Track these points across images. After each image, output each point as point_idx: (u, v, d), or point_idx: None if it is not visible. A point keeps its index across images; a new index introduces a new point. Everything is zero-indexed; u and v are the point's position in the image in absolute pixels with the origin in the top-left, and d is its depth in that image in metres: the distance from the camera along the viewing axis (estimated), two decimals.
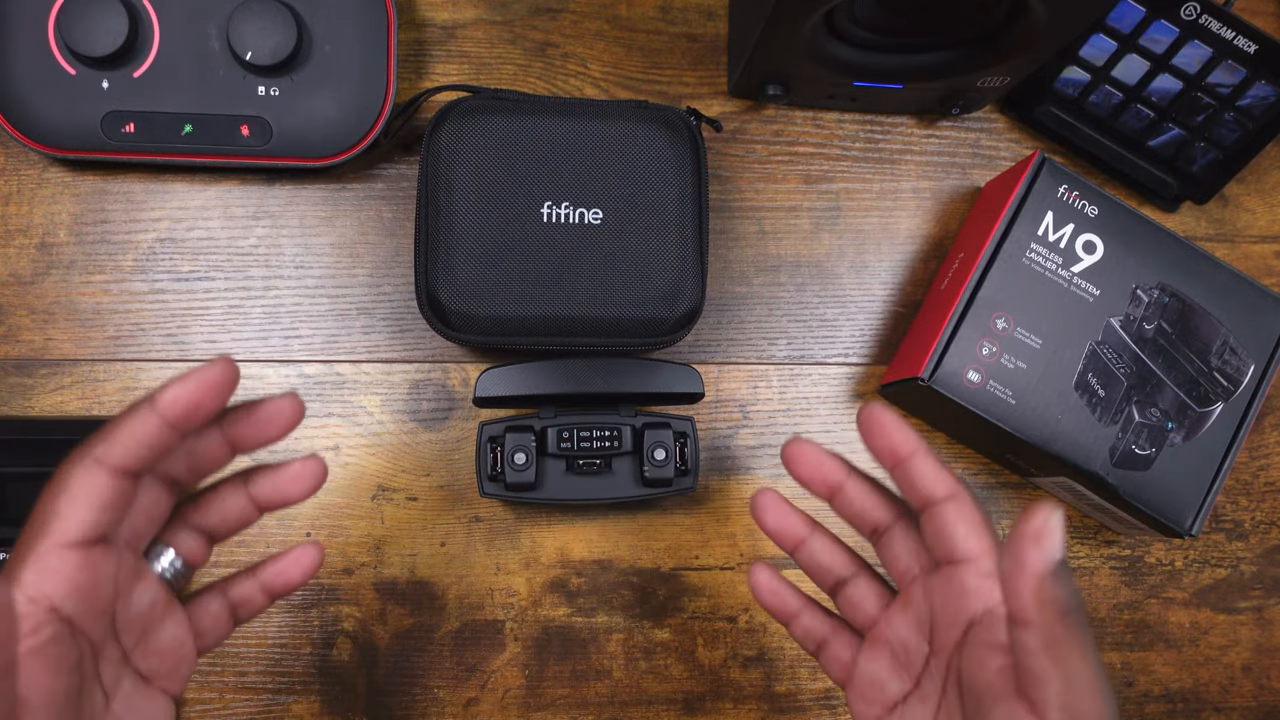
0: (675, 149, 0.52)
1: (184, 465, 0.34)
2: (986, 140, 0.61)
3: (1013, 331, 0.53)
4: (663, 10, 0.59)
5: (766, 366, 0.58)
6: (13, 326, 0.54)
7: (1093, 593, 0.59)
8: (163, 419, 0.31)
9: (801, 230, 0.59)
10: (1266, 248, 0.62)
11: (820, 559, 0.41)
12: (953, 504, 0.35)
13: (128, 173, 0.55)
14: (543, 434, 0.52)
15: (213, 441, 0.34)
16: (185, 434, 0.32)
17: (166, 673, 0.35)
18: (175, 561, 0.36)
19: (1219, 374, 0.54)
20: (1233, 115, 0.57)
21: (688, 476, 0.53)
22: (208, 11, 0.50)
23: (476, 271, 0.50)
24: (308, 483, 0.36)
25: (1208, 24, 0.55)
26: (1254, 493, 0.61)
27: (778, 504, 0.41)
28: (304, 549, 0.38)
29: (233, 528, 0.37)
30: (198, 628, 0.36)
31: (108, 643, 0.33)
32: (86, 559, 0.31)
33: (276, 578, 0.38)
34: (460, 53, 0.58)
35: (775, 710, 0.56)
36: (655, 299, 0.51)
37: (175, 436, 0.32)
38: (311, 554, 0.38)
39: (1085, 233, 0.54)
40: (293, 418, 0.34)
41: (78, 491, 0.31)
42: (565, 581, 0.56)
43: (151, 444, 0.31)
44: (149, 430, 0.31)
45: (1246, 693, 0.60)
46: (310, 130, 0.52)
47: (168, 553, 0.35)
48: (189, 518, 0.36)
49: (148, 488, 0.33)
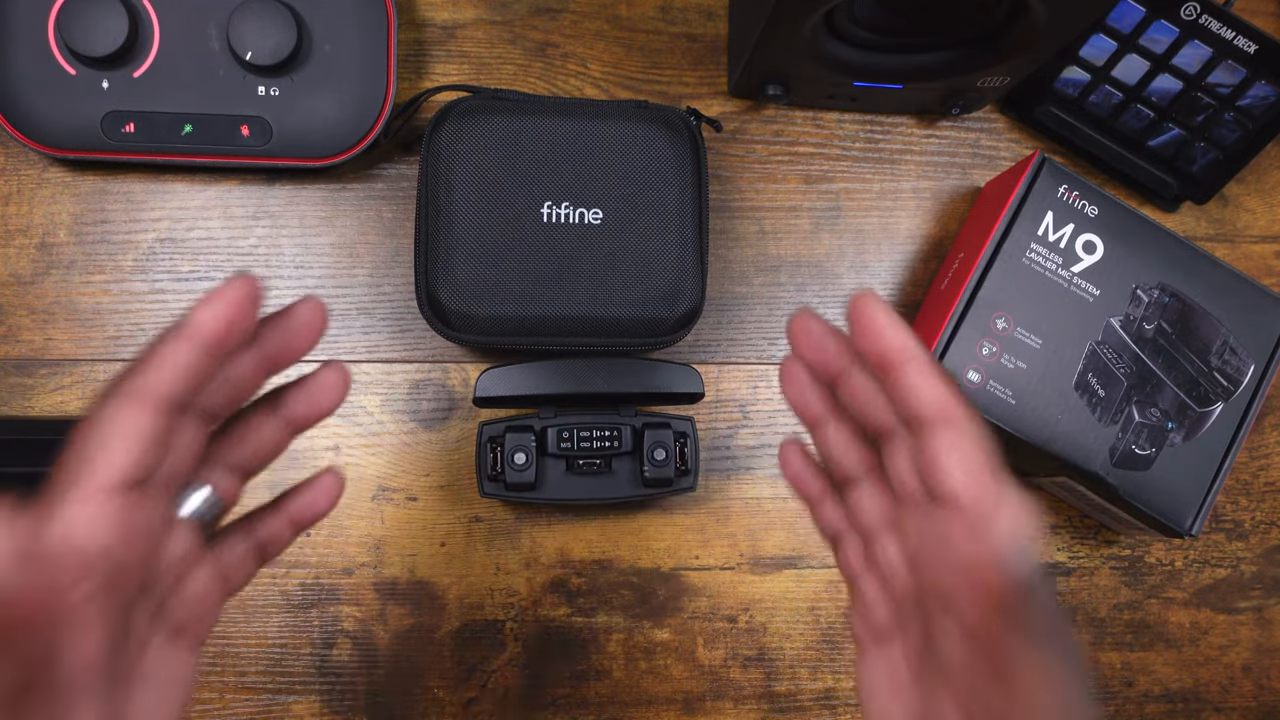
0: (675, 149, 0.52)
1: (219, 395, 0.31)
2: (986, 140, 0.61)
3: (1013, 331, 0.53)
4: (663, 10, 0.59)
5: (766, 366, 0.58)
6: (13, 326, 0.54)
7: (1093, 593, 0.59)
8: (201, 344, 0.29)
9: (801, 230, 0.59)
10: (1266, 248, 0.62)
11: (831, 450, 0.36)
12: (946, 431, 0.29)
13: (128, 173, 0.55)
14: (543, 434, 0.52)
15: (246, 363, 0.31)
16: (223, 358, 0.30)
17: (193, 625, 0.33)
18: (210, 501, 0.33)
19: (1219, 374, 0.54)
20: (1233, 115, 0.57)
21: (688, 476, 0.53)
22: (208, 11, 0.50)
23: (476, 271, 0.50)
24: (339, 389, 0.34)
25: (1208, 24, 0.55)
26: (1254, 493, 0.61)
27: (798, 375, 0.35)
28: (328, 475, 0.36)
29: (266, 458, 0.35)
30: (224, 572, 0.34)
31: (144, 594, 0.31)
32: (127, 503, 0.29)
33: (306, 509, 0.36)
34: (460, 53, 0.58)
35: (775, 710, 0.56)
36: (655, 299, 0.51)
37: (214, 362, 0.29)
38: (336, 480, 0.36)
39: (1085, 233, 0.54)
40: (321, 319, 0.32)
41: (118, 429, 0.28)
42: (565, 581, 0.56)
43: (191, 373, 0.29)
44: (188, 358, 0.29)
45: (1246, 693, 0.60)
46: (310, 130, 0.52)
47: (201, 492, 0.32)
48: (220, 453, 0.33)
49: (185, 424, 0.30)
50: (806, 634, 0.57)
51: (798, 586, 0.57)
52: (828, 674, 0.57)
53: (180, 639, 0.32)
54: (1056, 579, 0.59)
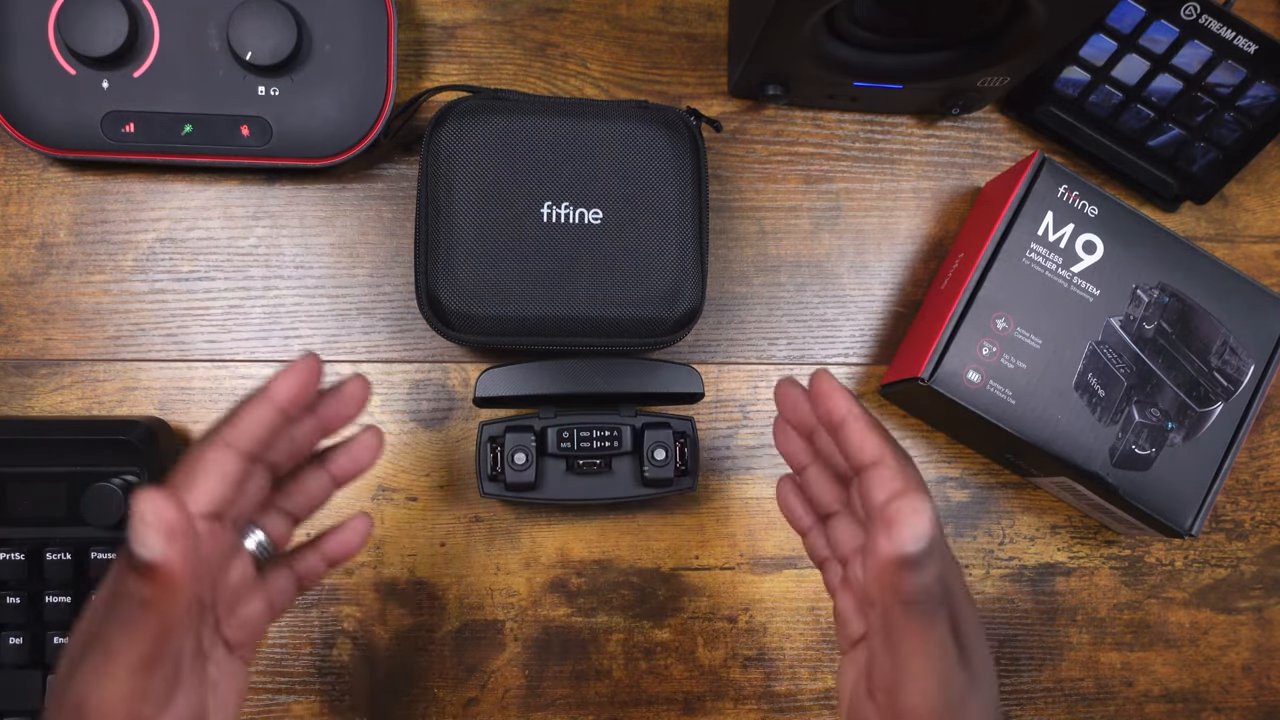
0: (675, 149, 0.52)
1: (283, 451, 0.38)
2: (986, 140, 0.61)
3: (1013, 331, 0.53)
4: (663, 10, 0.59)
5: (766, 366, 0.58)
6: (13, 326, 0.54)
7: (1093, 593, 0.59)
8: (277, 406, 0.36)
9: (801, 230, 0.59)
10: (1266, 248, 0.62)
11: (813, 489, 0.43)
12: (876, 470, 0.36)
13: (128, 173, 0.55)
14: (543, 434, 0.52)
15: (305, 427, 0.39)
16: (292, 420, 0.37)
17: (245, 642, 0.39)
18: (264, 541, 0.39)
19: (1219, 374, 0.54)
20: (1233, 115, 0.57)
21: (687, 477, 0.53)
22: (208, 11, 0.50)
23: (476, 271, 0.50)
24: (375, 449, 0.41)
25: (1208, 24, 0.55)
26: (1254, 493, 0.61)
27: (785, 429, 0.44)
28: (358, 518, 0.43)
29: (314, 507, 0.42)
30: (270, 599, 0.40)
31: (207, 610, 0.36)
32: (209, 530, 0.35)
33: (339, 547, 0.42)
34: (460, 53, 0.58)
35: (775, 710, 0.56)
36: (655, 299, 0.51)
37: (285, 422, 0.37)
38: (366, 522, 0.43)
39: (1085, 233, 0.54)
40: (365, 392, 0.40)
41: (210, 469, 0.35)
42: (565, 581, 0.56)
43: (269, 429, 0.36)
44: (267, 417, 0.36)
45: (1246, 693, 0.60)
46: (310, 130, 0.52)
47: (257, 533, 0.39)
48: (276, 501, 0.40)
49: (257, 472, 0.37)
50: (806, 634, 0.57)
51: (798, 586, 0.57)
52: (828, 674, 0.57)
53: (234, 653, 0.38)
54: (1056, 579, 0.59)
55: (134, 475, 0.50)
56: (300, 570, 0.42)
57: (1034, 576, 0.59)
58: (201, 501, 0.34)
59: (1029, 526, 0.59)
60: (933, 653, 0.33)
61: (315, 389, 0.37)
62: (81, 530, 0.50)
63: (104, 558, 0.50)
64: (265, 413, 0.36)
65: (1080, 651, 0.59)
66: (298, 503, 0.41)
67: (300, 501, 0.41)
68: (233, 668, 0.38)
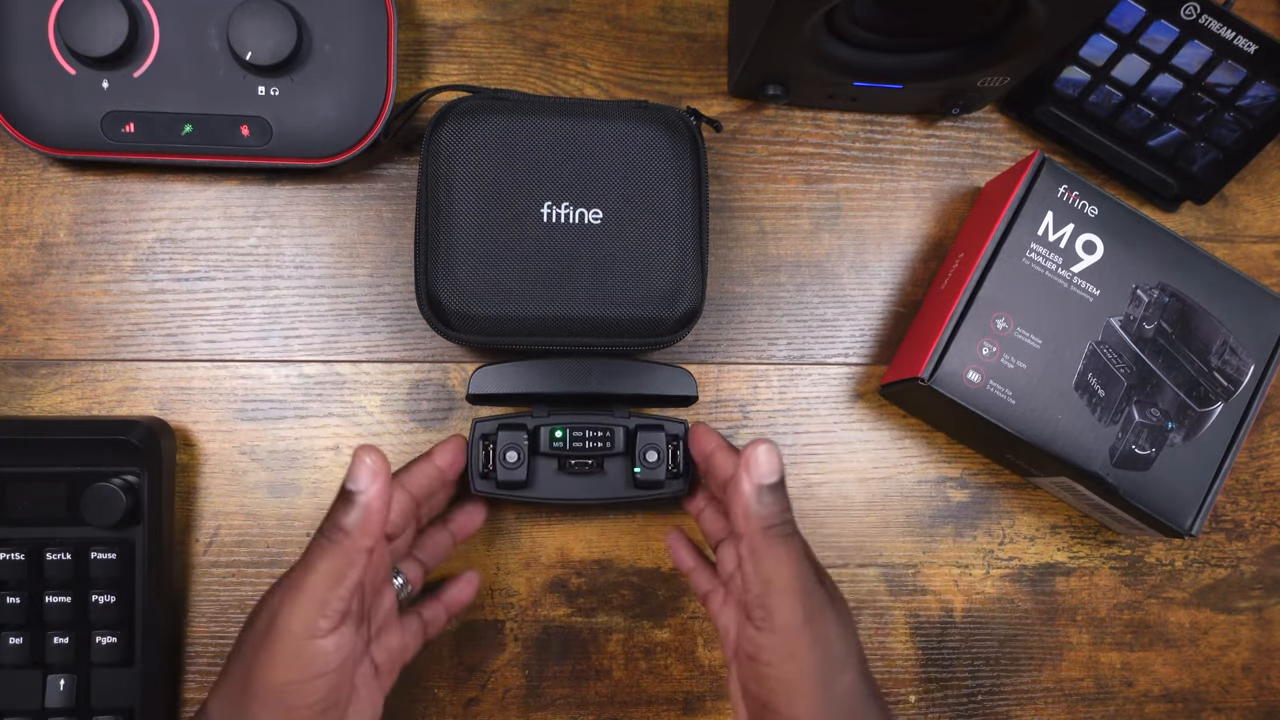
0: (675, 149, 0.52)
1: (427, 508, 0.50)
2: (986, 140, 0.61)
3: (1013, 331, 0.53)
4: (663, 10, 0.59)
5: (766, 366, 0.58)
6: (13, 326, 0.54)
7: (1093, 593, 0.59)
8: (438, 469, 0.49)
9: (801, 230, 0.59)
10: (1266, 248, 0.62)
11: (705, 525, 0.52)
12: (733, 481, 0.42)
13: (128, 173, 0.55)
14: (535, 433, 0.52)
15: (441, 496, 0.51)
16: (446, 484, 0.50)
17: (386, 670, 0.46)
18: (405, 582, 0.48)
19: (1219, 374, 0.54)
20: (1233, 115, 0.57)
21: (680, 479, 0.52)
22: (208, 11, 0.50)
23: (476, 271, 0.50)
24: (483, 514, 0.54)
25: (1208, 24, 0.55)
26: (1254, 493, 0.61)
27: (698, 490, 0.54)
28: (471, 574, 0.53)
29: (440, 558, 0.51)
30: (405, 637, 0.47)
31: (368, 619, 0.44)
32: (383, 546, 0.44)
33: (455, 599, 0.52)
34: (460, 53, 0.58)
35: None
36: (655, 299, 0.51)
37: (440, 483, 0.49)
38: (476, 576, 0.53)
39: (1085, 233, 0.54)
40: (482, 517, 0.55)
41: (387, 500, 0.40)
42: (565, 581, 0.56)
43: (430, 484, 0.48)
44: (430, 474, 0.49)
45: (1246, 693, 0.60)
46: (310, 130, 0.52)
47: (400, 575, 0.48)
48: (414, 550, 0.50)
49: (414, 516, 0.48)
50: None
51: None
52: None
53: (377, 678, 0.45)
54: (1056, 579, 0.59)
55: (134, 475, 0.50)
56: (426, 617, 0.50)
57: (1034, 576, 0.59)
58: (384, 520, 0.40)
59: (1029, 526, 0.59)
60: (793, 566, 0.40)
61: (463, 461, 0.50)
62: (81, 530, 0.50)
63: (104, 558, 0.50)
64: (429, 471, 0.48)
65: (1080, 651, 0.59)
66: (428, 554, 0.50)
67: (429, 553, 0.50)
68: (374, 688, 0.44)
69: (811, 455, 0.58)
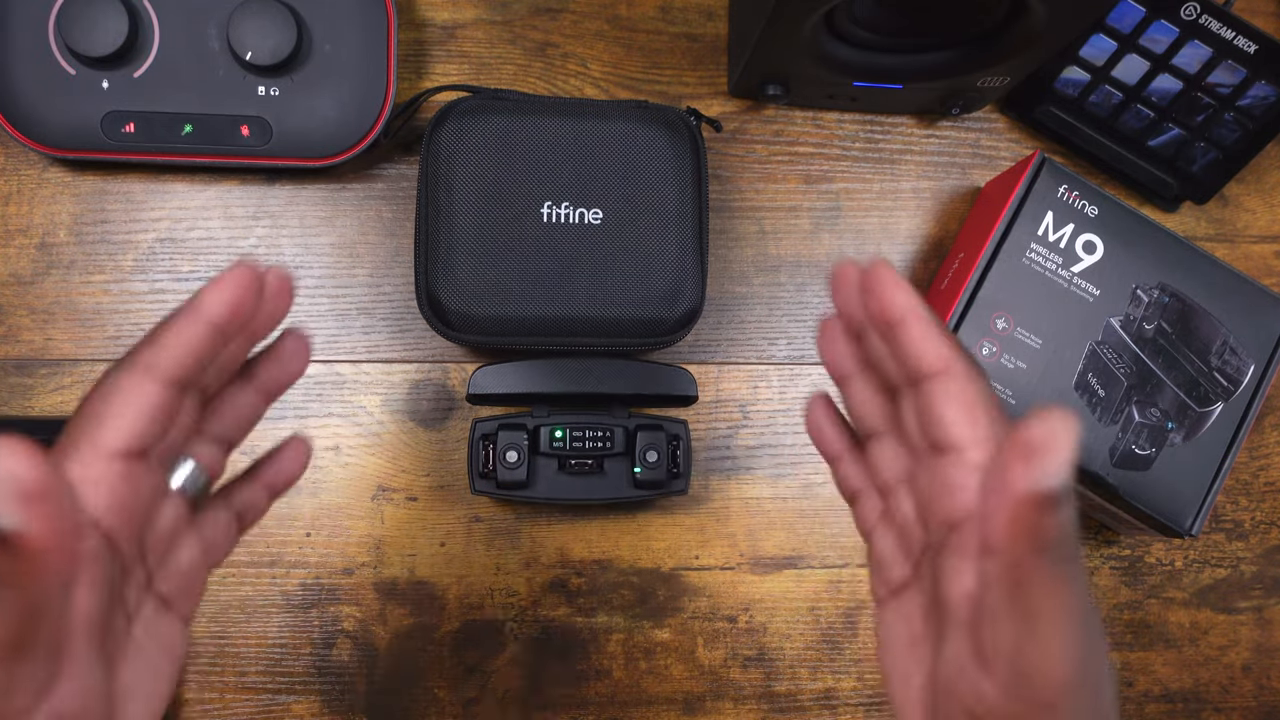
0: (675, 149, 0.52)
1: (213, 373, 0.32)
2: (986, 140, 0.61)
3: (1013, 331, 0.53)
4: (663, 10, 0.59)
5: (766, 366, 0.58)
6: (13, 326, 0.54)
7: (1093, 593, 0.59)
8: (210, 324, 0.30)
9: (801, 230, 0.59)
10: (1266, 248, 0.62)
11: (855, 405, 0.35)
12: (942, 381, 0.30)
13: (128, 173, 0.55)
14: (535, 433, 0.52)
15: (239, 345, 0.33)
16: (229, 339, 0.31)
17: (182, 595, 0.33)
18: (197, 474, 0.33)
19: (1219, 374, 0.54)
20: (1233, 115, 0.57)
21: (680, 479, 0.53)
22: (208, 11, 0.50)
23: (476, 271, 0.50)
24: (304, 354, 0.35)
25: (1208, 24, 0.55)
26: (1254, 493, 0.61)
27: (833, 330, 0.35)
28: (296, 441, 0.37)
29: (246, 428, 0.36)
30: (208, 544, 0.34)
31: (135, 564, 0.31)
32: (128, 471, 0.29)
33: (279, 475, 0.37)
34: (460, 53, 0.58)
35: (775, 710, 0.56)
36: (655, 299, 0.51)
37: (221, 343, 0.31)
38: (303, 445, 0.37)
39: (1085, 233, 0.54)
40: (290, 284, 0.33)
41: (127, 399, 0.29)
42: (565, 581, 0.56)
43: (200, 352, 0.30)
44: (198, 337, 0.30)
45: (1246, 693, 0.60)
46: (310, 130, 0.52)
47: (187, 465, 0.33)
48: (204, 426, 0.34)
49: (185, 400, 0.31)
50: (806, 634, 0.57)
51: (798, 586, 0.57)
52: (828, 674, 0.57)
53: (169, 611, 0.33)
54: None
55: None
56: (240, 506, 0.36)
57: None
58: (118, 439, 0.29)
59: None
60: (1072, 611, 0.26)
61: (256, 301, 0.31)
62: None
63: None
64: (195, 333, 0.30)
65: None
66: (228, 425, 0.35)
67: (230, 424, 0.35)
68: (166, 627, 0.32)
69: (812, 455, 0.58)
